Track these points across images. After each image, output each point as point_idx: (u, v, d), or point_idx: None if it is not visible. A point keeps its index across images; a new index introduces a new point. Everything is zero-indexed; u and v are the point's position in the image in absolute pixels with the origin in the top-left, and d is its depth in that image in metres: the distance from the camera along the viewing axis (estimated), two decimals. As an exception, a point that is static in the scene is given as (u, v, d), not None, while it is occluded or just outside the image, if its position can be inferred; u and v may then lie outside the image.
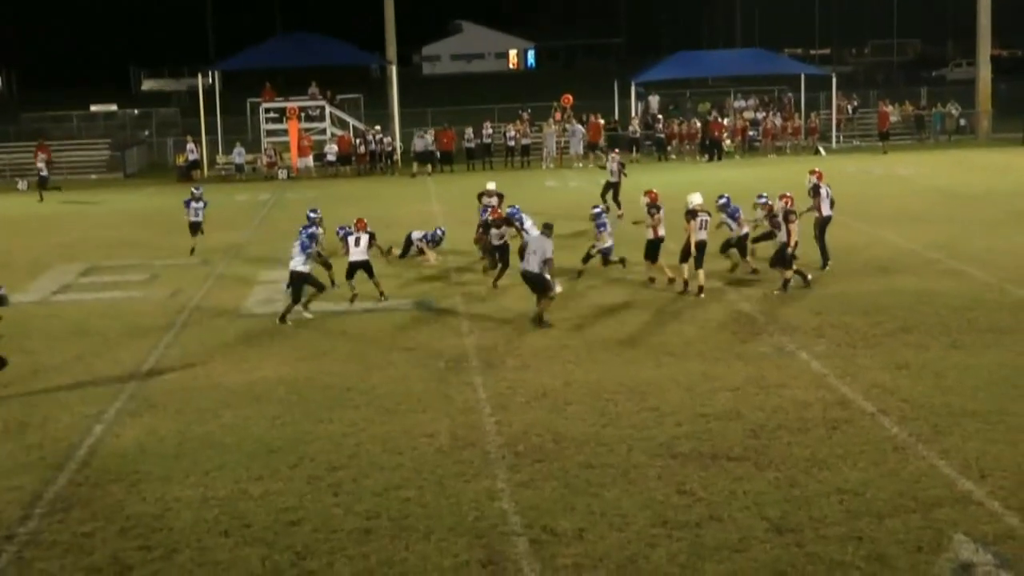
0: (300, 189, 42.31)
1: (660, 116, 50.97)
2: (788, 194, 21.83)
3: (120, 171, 50.12)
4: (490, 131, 48.63)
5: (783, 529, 11.33)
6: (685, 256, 21.18)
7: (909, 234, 27.37)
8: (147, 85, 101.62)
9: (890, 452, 13.28)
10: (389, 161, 47.65)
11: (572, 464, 13.28)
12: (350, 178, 46.02)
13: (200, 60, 77.31)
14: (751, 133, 50.25)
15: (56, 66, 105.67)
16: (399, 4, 52.48)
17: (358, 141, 47.88)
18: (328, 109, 50.47)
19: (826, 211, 23.51)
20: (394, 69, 51.86)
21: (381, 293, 21.43)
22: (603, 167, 37.39)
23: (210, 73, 52.17)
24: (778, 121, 50.26)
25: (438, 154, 46.90)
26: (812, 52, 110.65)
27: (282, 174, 46.86)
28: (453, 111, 53.35)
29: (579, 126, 48.11)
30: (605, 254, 22.87)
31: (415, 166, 46.25)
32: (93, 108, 59.83)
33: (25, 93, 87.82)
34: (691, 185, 29.91)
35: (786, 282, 20.98)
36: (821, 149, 49.18)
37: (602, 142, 47.26)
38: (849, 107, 54.92)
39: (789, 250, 20.91)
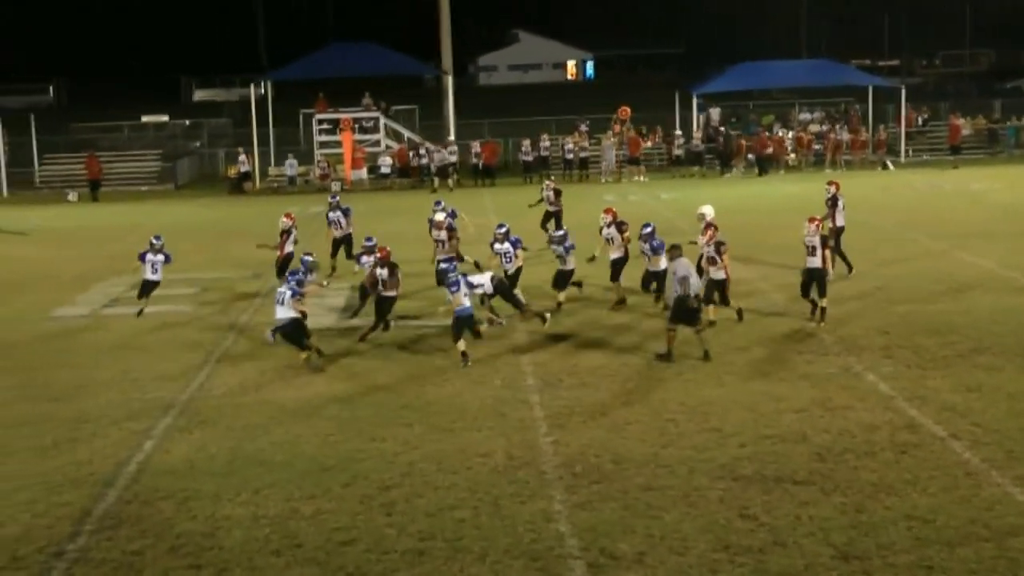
0: (353, 201, 41.99)
1: (722, 129, 50.37)
2: (818, 218, 20.94)
3: (171, 182, 50.28)
4: (548, 143, 48.36)
5: (849, 556, 10.93)
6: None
7: (982, 251, 26.64)
8: (198, 95, 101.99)
9: (961, 478, 12.82)
10: (453, 170, 47.19)
11: (631, 485, 12.94)
12: (405, 191, 45.92)
13: (252, 70, 77.52)
14: (816, 147, 49.45)
15: (106, 76, 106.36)
16: (455, 13, 52.29)
17: (412, 154, 47.75)
18: (382, 120, 50.40)
19: (840, 222, 24.45)
20: (450, 79, 51.67)
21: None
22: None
23: (262, 83, 52.18)
24: (845, 135, 49.34)
25: (473, 166, 46.74)
26: (880, 63, 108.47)
27: (335, 186, 46.82)
28: (510, 122, 53.11)
29: (640, 138, 47.82)
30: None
31: (436, 181, 45.95)
32: (144, 119, 60.13)
33: (74, 103, 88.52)
34: (750, 199, 29.59)
35: (822, 310, 19.78)
36: (889, 163, 48.33)
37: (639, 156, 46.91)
38: (919, 120, 53.90)
39: (829, 277, 19.95)
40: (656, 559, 11.04)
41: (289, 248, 24.05)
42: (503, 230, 21.31)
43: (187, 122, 61.04)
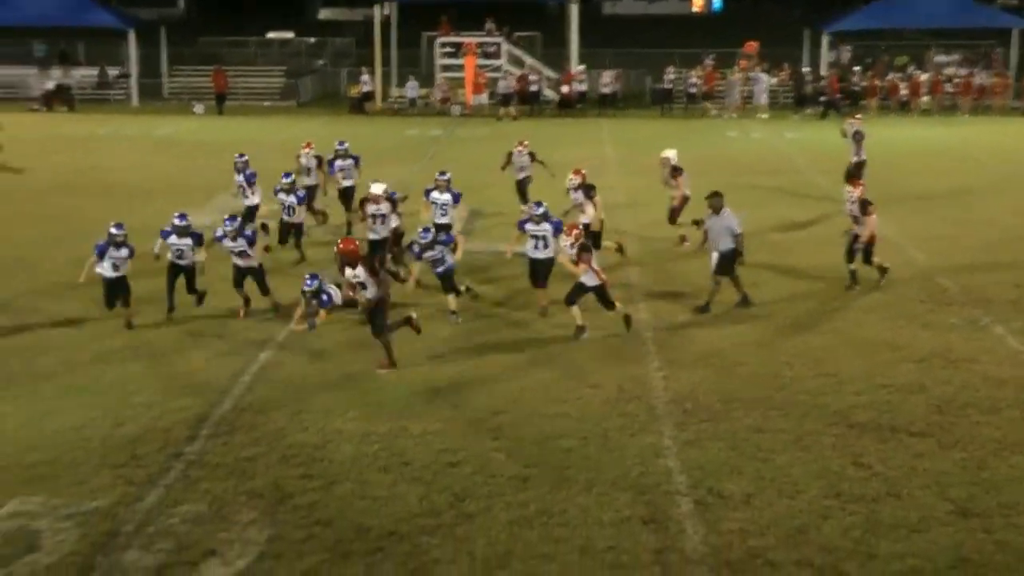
0: (472, 126, 42.15)
1: (856, 69, 48.88)
2: (862, 182, 19.56)
3: (293, 99, 50.62)
4: (672, 76, 47.61)
5: (969, 513, 10.68)
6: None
7: None
8: (323, 14, 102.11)
9: (1094, 441, 12.39)
10: (583, 98, 46.67)
11: (741, 426, 12.80)
12: (524, 118, 45.68)
13: (377, -10, 77.21)
14: (952, 91, 47.65)
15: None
16: (582, -61, 51.43)
17: (534, 79, 47.38)
18: (505, 46, 50.08)
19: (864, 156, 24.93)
20: (575, 7, 51.00)
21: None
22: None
23: (386, 4, 52.10)
24: (985, 79, 47.45)
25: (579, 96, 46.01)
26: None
27: (455, 110, 46.75)
28: (633, 53, 52.33)
29: (763, 75, 46.75)
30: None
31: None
32: (269, 35, 60.45)
33: (203, 17, 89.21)
34: (878, 146, 28.81)
35: (882, 269, 18.57)
36: (1032, 111, 46.29)
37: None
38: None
39: (861, 243, 18.19)
40: (764, 501, 10.92)
41: (311, 181, 22.78)
42: (445, 177, 19.65)
43: (311, 40, 61.15)
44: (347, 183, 22.66)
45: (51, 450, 12.08)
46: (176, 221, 16.83)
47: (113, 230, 16.41)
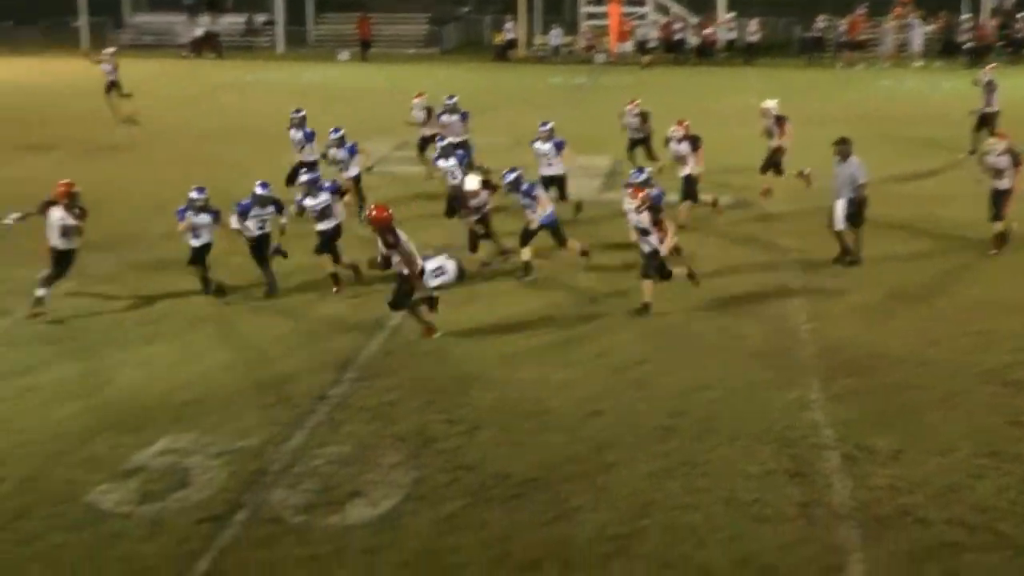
0: (616, 75, 41.77)
1: (1021, 16, 46.93)
2: (1005, 133, 18.44)
3: (437, 46, 50.76)
4: (822, 24, 46.44)
5: None
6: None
7: None
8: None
9: None
10: (731, 46, 45.92)
11: (889, 382, 12.51)
12: (669, 66, 45.08)
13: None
14: None
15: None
16: None
17: (678, 27, 46.72)
18: (651, -7, 49.46)
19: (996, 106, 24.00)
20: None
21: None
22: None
23: (532, -50, 51.83)
24: None
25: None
26: None
27: (599, 58, 46.39)
28: (782, 1, 51.15)
29: (918, 22, 45.31)
30: (547, 225, 16.51)
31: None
32: None
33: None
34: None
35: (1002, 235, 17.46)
36: None
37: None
38: None
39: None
40: (914, 458, 10.65)
41: (425, 132, 22.42)
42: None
43: (456, -13, 61.28)
44: (455, 140, 21.48)
45: (201, 389, 12.39)
46: (258, 190, 15.67)
47: (193, 194, 15.42)
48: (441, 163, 19.01)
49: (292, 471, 10.49)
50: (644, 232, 14.62)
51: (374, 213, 13.72)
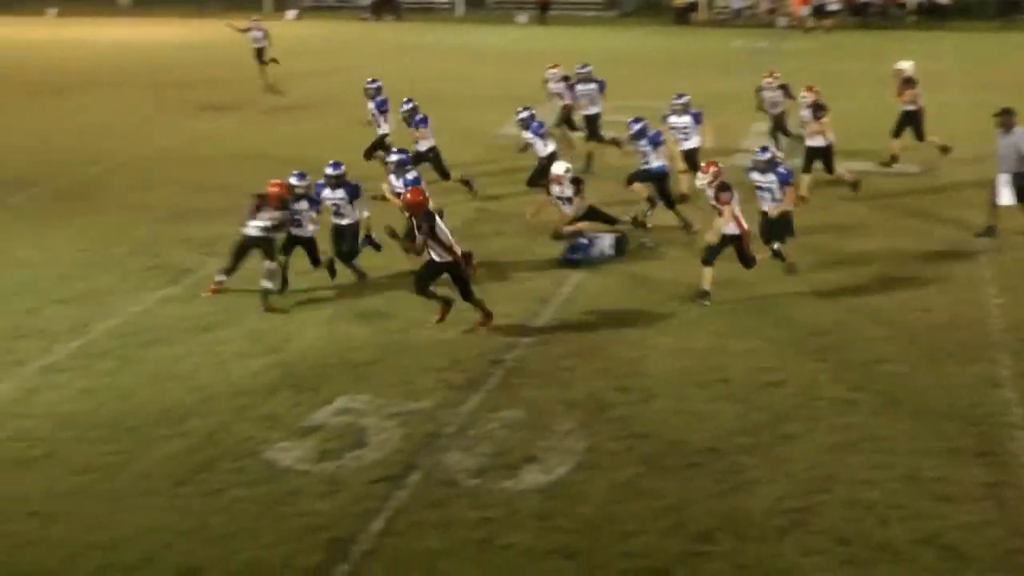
0: (798, 39, 40.88)
1: None
2: None
3: (616, 9, 50.39)
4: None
5: None
6: None
7: None
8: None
9: None
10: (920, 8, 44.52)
11: (1087, 358, 11.94)
12: (851, 30, 43.85)
13: None
14: None
15: None
16: None
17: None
18: (836, -45, 48.17)
19: None
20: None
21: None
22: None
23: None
24: None
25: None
26: None
27: (780, 21, 45.44)
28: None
29: None
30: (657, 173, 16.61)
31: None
32: None
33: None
34: None
35: None
36: None
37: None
38: None
39: None
40: (1114, 441, 10.16)
41: (593, 109, 21.10)
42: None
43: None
44: (592, 110, 20.98)
45: (376, 351, 12.53)
46: (329, 170, 14.36)
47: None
48: (524, 134, 18.54)
49: (466, 434, 10.54)
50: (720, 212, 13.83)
51: (408, 196, 13.07)
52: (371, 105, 20.34)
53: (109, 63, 35.98)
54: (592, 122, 20.98)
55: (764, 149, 15.13)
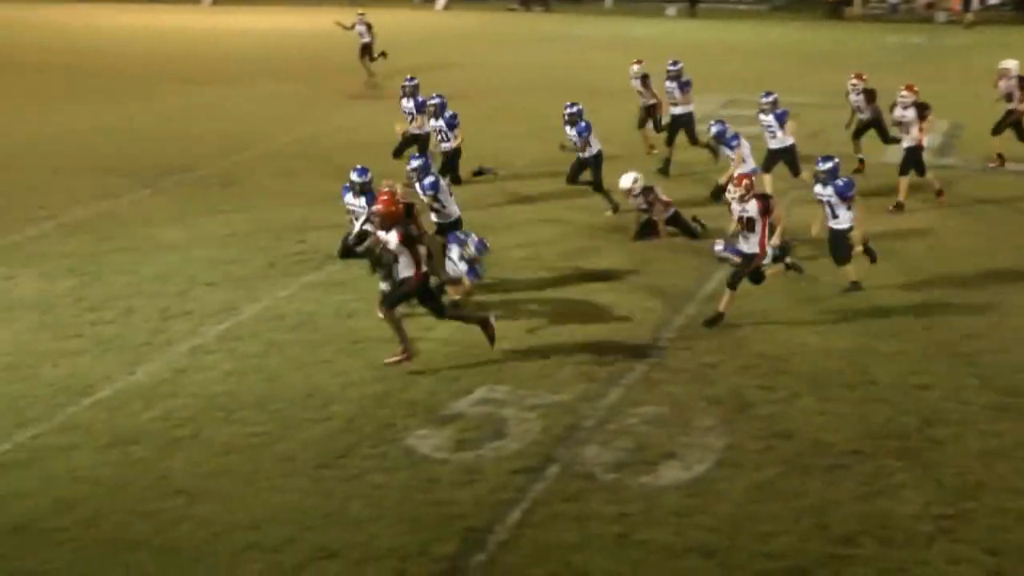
0: (958, 34, 39.75)
1: None
2: None
3: (768, 2, 49.69)
4: None
5: None
6: None
7: None
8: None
9: None
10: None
11: None
12: (1011, 24, 42.41)
13: None
14: None
15: None
16: None
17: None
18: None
19: None
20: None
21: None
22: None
23: None
24: None
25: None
26: None
27: (940, 16, 44.25)
28: None
29: None
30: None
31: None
32: None
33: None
34: None
35: None
36: None
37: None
38: None
39: None
40: None
41: (678, 110, 20.19)
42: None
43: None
44: (676, 110, 20.07)
45: (518, 342, 12.52)
46: (354, 176, 13.41)
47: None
48: (567, 130, 17.60)
49: (606, 428, 10.48)
50: (750, 226, 12.88)
51: (380, 208, 11.84)
52: (408, 104, 19.92)
53: (269, 53, 36.68)
54: (675, 122, 20.06)
55: (827, 158, 13.91)
